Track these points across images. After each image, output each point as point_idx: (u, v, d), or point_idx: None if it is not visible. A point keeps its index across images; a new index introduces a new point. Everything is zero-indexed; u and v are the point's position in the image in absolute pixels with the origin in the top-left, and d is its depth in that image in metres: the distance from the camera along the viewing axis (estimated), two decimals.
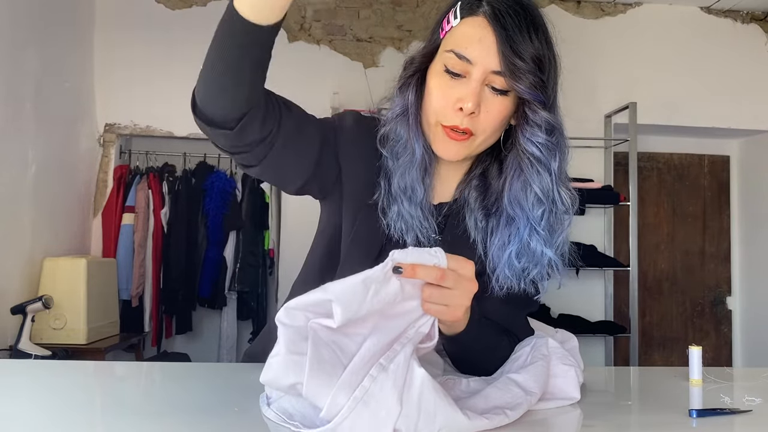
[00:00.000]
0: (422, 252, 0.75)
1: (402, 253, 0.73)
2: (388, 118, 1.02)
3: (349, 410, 0.67)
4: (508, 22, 0.89)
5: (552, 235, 0.97)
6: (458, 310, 0.78)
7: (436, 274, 0.74)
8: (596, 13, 4.20)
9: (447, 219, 1.03)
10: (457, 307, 0.78)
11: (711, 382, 1.07)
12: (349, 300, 0.70)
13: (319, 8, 4.05)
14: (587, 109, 4.02)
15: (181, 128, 3.92)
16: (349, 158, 1.03)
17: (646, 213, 4.36)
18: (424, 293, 0.75)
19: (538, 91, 0.91)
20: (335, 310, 0.70)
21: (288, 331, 0.72)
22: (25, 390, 0.96)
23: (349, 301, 0.70)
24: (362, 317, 0.72)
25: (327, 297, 0.71)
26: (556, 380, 0.90)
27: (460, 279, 0.76)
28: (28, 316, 2.78)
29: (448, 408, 0.70)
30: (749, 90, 4.19)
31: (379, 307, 0.72)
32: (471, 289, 0.78)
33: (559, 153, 0.96)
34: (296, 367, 0.70)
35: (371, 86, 3.69)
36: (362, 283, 0.71)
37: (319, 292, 0.71)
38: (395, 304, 0.74)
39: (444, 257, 0.75)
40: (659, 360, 4.35)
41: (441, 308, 0.76)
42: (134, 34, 3.88)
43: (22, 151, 3.06)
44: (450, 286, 0.75)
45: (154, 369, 1.24)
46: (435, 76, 0.95)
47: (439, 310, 0.76)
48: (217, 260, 3.98)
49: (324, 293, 0.71)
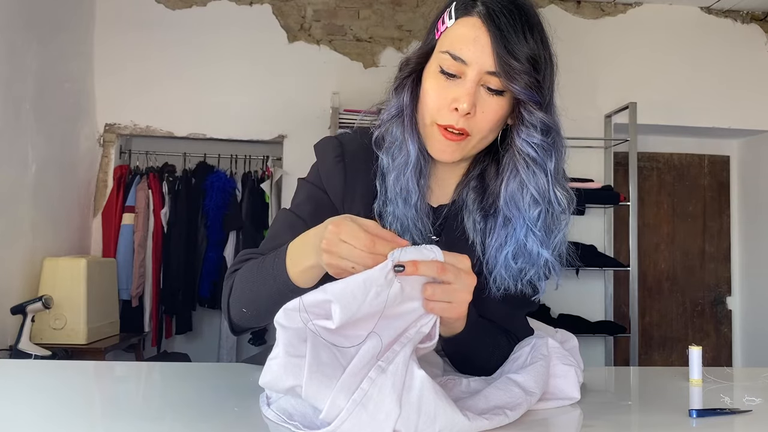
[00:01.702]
0: (420, 249, 0.74)
1: (400, 251, 0.73)
2: (383, 120, 1.02)
3: (348, 413, 0.67)
4: (503, 22, 0.89)
5: (549, 236, 0.97)
6: (461, 305, 0.78)
7: (437, 268, 0.74)
8: (596, 13, 4.20)
9: (445, 221, 1.03)
10: (459, 303, 0.78)
11: (711, 382, 1.07)
12: (348, 301, 0.70)
13: (319, 8, 4.05)
14: (587, 109, 4.02)
15: (181, 128, 3.92)
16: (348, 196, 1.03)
17: (646, 213, 4.36)
18: (426, 292, 0.75)
19: (534, 91, 0.91)
20: (334, 310, 0.70)
21: (286, 333, 0.72)
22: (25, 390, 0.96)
23: (348, 302, 0.70)
24: (362, 318, 0.72)
25: (326, 297, 0.71)
26: (556, 380, 0.90)
27: (459, 272, 0.76)
28: (28, 316, 2.78)
29: (448, 409, 0.70)
30: (749, 90, 4.19)
31: (379, 309, 0.72)
32: (471, 283, 0.78)
33: (555, 153, 0.96)
34: (295, 369, 0.70)
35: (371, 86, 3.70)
36: (363, 283, 0.71)
37: (319, 293, 0.71)
38: (395, 306, 0.74)
39: (441, 253, 0.75)
40: (659, 360, 4.35)
41: (444, 305, 0.76)
42: (134, 35, 3.89)
43: (22, 151, 3.06)
44: (451, 280, 0.75)
45: (154, 369, 1.24)
46: (430, 77, 0.95)
47: (443, 307, 0.76)
48: (217, 260, 3.98)
49: (324, 294, 0.71)
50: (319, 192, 1.05)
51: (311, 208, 1.04)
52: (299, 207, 1.05)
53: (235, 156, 4.19)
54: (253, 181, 4.06)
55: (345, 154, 1.05)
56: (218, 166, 4.12)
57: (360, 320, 0.72)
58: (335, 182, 1.04)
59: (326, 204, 1.03)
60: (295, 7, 4.04)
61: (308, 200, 1.05)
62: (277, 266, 0.88)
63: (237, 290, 0.97)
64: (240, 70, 3.94)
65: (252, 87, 3.95)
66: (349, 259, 0.75)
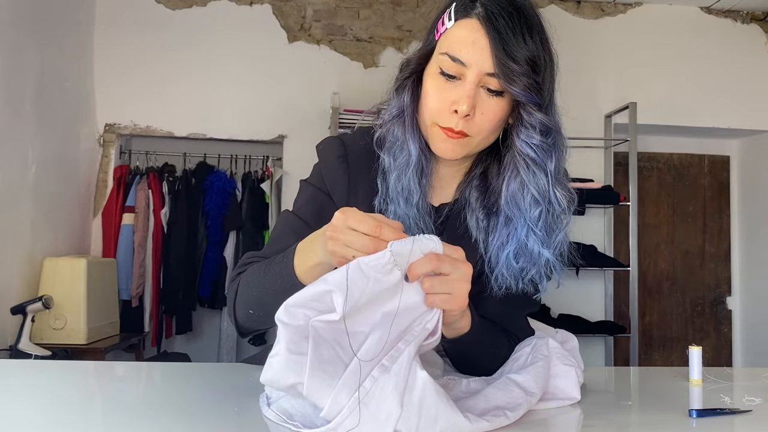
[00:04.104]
0: (419, 239, 0.74)
1: (400, 243, 0.73)
2: (384, 120, 1.02)
3: (350, 411, 0.67)
4: (501, 24, 0.89)
5: (550, 236, 0.97)
6: (461, 296, 0.78)
7: (432, 262, 0.74)
8: (596, 13, 4.20)
9: (447, 219, 1.03)
10: (459, 293, 0.77)
11: (711, 382, 1.07)
12: (349, 287, 0.69)
13: (319, 8, 4.05)
14: (587, 109, 4.02)
15: (181, 128, 3.92)
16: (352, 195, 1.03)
17: (646, 213, 4.36)
18: (424, 285, 0.75)
19: (533, 93, 0.91)
20: (336, 300, 0.69)
21: (288, 330, 0.71)
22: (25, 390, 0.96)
23: (349, 289, 0.69)
24: (364, 308, 0.71)
25: (327, 288, 0.70)
26: (556, 380, 0.90)
27: (455, 263, 0.76)
28: (28, 316, 2.78)
29: (449, 411, 0.70)
30: (749, 90, 4.19)
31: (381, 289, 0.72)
32: (468, 272, 0.78)
33: (555, 153, 0.96)
34: (297, 366, 0.69)
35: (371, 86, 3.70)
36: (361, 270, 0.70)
37: (320, 284, 0.71)
38: (395, 296, 0.73)
39: (440, 243, 0.75)
40: (659, 360, 4.35)
41: (445, 297, 0.76)
42: (134, 35, 3.89)
43: (22, 151, 3.06)
44: (448, 271, 0.75)
45: (154, 369, 1.24)
46: (430, 78, 0.95)
47: (444, 299, 0.76)
48: (217, 260, 3.98)
49: (324, 284, 0.71)
50: (322, 194, 1.05)
51: (314, 210, 1.04)
52: (302, 209, 1.05)
53: (235, 156, 4.19)
54: (253, 181, 4.06)
55: (348, 154, 1.05)
56: (218, 166, 4.12)
57: (363, 313, 0.72)
58: (339, 182, 1.04)
59: (329, 205, 1.03)
60: (295, 7, 4.04)
61: (311, 202, 1.05)
62: (284, 266, 0.89)
63: (243, 292, 0.98)
64: (240, 70, 3.94)
65: (252, 87, 3.95)
66: (353, 247, 0.74)
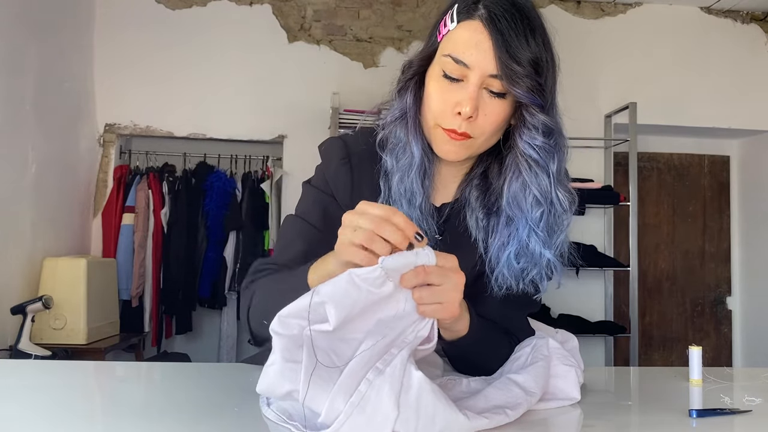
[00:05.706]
0: (409, 255, 0.73)
1: (391, 258, 0.72)
2: (387, 122, 1.02)
3: (346, 416, 0.67)
4: (504, 26, 0.89)
5: (551, 236, 0.97)
6: (452, 305, 0.77)
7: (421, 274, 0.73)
8: (596, 13, 4.20)
9: (448, 219, 1.03)
10: (450, 303, 0.76)
11: (711, 382, 1.07)
12: (341, 298, 0.70)
13: (319, 8, 4.05)
14: (587, 109, 4.02)
15: (181, 128, 3.92)
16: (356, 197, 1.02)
17: (646, 213, 4.36)
18: (414, 296, 0.74)
19: (536, 94, 0.91)
20: (329, 312, 0.69)
21: (282, 340, 0.72)
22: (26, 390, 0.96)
23: (341, 300, 0.69)
24: (358, 316, 0.71)
25: (320, 300, 0.70)
26: (556, 381, 0.90)
27: (446, 273, 0.75)
28: (28, 316, 2.78)
29: (447, 409, 0.70)
30: (749, 90, 4.19)
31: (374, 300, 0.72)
32: (459, 281, 0.77)
33: (557, 154, 0.96)
34: (292, 374, 0.70)
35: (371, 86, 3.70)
36: (353, 281, 0.70)
37: (312, 295, 0.71)
38: (389, 304, 0.73)
39: (433, 255, 0.74)
40: (659, 360, 4.35)
41: (435, 307, 0.75)
42: (134, 34, 3.89)
43: (22, 151, 3.06)
44: (437, 282, 0.74)
45: (154, 369, 1.24)
46: (433, 80, 0.95)
47: (435, 309, 0.75)
48: (217, 260, 3.98)
49: (317, 296, 0.71)
50: (326, 196, 1.05)
51: (319, 213, 1.03)
52: (307, 213, 1.05)
53: (235, 156, 4.19)
54: (253, 181, 4.06)
55: (351, 155, 1.05)
56: (218, 166, 4.12)
57: (356, 320, 0.72)
58: (343, 184, 1.04)
59: (334, 208, 1.03)
60: (295, 7, 4.04)
61: (316, 205, 1.05)
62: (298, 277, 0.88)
63: (257, 303, 0.97)
64: (240, 70, 3.94)
65: (252, 87, 3.95)
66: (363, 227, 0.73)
